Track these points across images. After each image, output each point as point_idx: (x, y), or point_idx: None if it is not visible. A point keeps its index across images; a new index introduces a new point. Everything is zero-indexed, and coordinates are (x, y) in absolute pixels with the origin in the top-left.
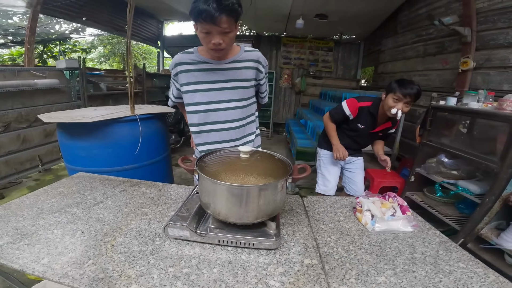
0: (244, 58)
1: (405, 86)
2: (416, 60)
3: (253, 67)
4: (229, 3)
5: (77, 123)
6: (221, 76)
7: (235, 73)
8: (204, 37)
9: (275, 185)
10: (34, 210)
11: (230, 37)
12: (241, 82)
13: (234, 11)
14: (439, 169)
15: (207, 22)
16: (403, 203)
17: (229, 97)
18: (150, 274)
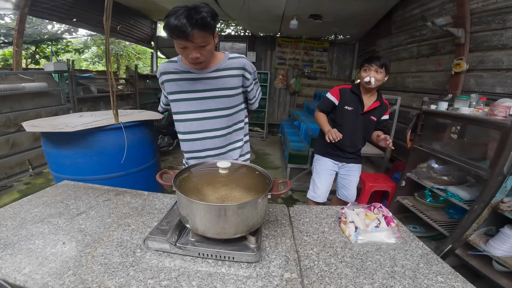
0: (228, 66)
1: (369, 58)
2: (410, 61)
3: (239, 75)
4: (200, 18)
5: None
6: (204, 86)
7: (219, 82)
8: (181, 52)
9: (254, 202)
10: (17, 220)
11: (207, 49)
12: (225, 90)
13: (207, 25)
14: (429, 174)
15: (180, 38)
16: (388, 214)
17: (213, 106)
18: (129, 286)
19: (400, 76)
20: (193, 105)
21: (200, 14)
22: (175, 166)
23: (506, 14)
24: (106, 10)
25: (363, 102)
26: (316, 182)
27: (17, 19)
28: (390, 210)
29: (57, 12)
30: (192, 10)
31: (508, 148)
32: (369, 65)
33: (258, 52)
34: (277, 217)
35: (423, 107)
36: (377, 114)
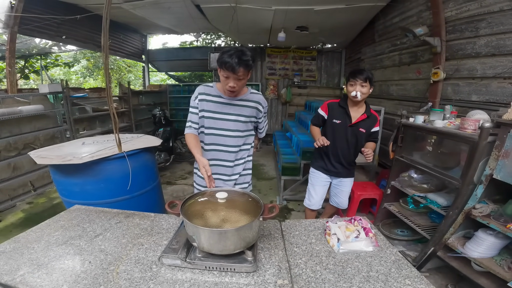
0: (249, 99)
1: (353, 72)
2: (392, 69)
3: (254, 107)
4: (247, 59)
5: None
6: (229, 110)
7: (240, 109)
8: (223, 80)
9: (249, 226)
10: (42, 243)
11: (242, 82)
12: (242, 117)
13: (249, 66)
14: (410, 182)
15: (228, 71)
16: (367, 225)
17: (232, 127)
18: None
19: (385, 84)
20: (218, 123)
21: (247, 57)
22: (173, 181)
23: (478, 22)
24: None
25: (350, 114)
26: (311, 192)
27: (7, 39)
28: (379, 216)
29: (47, 30)
30: (241, 53)
31: (477, 160)
32: (354, 79)
33: None
34: (271, 231)
35: (402, 120)
36: (365, 126)
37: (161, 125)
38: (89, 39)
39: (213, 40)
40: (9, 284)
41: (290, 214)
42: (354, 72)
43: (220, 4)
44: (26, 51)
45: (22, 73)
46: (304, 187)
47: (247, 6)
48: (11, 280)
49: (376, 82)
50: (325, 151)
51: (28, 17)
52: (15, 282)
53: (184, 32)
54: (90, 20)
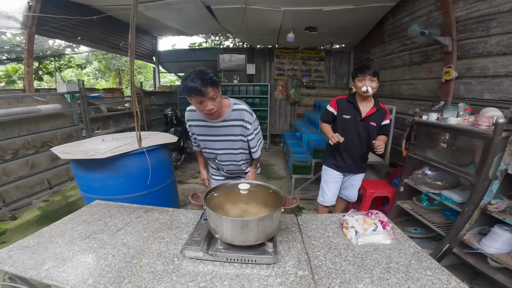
0: (231, 118)
1: (361, 67)
2: (403, 68)
3: (239, 125)
4: (209, 77)
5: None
6: (215, 132)
7: (225, 130)
8: (198, 106)
9: (271, 216)
10: (65, 237)
11: (217, 101)
12: (229, 136)
13: (214, 82)
14: (424, 180)
15: (197, 95)
16: (384, 219)
17: (223, 146)
18: None
19: (395, 83)
20: (211, 144)
21: (208, 75)
22: (184, 180)
23: (489, 22)
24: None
25: (359, 109)
26: (324, 189)
27: (25, 39)
28: (391, 214)
29: (63, 31)
30: (201, 73)
31: (492, 155)
32: (363, 75)
33: (257, 64)
34: (288, 225)
35: (415, 117)
36: (376, 119)
37: (173, 125)
38: (103, 40)
39: (222, 42)
40: (34, 278)
41: (301, 212)
42: (362, 67)
43: (230, 5)
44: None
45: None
46: (315, 185)
47: (257, 7)
48: (36, 275)
49: (386, 82)
50: (337, 147)
51: (45, 17)
52: (40, 276)
53: (193, 33)
54: (104, 21)
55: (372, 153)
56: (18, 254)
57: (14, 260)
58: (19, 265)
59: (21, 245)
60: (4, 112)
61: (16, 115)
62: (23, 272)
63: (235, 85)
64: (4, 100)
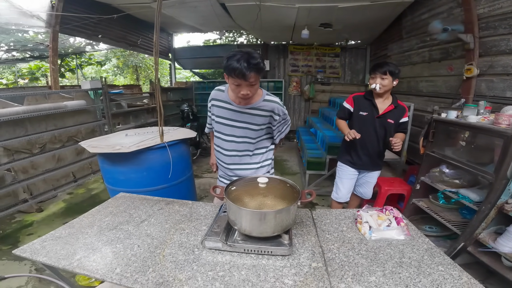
0: (261, 107)
1: (374, 66)
2: (422, 65)
3: (267, 116)
4: (257, 63)
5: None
6: (238, 117)
7: (249, 118)
8: (234, 88)
9: (288, 209)
10: (94, 228)
11: (255, 87)
12: (252, 125)
13: (260, 69)
14: (442, 178)
15: (238, 78)
16: (398, 215)
17: (241, 134)
18: (195, 278)
19: (414, 80)
20: (225, 129)
21: (256, 60)
22: (199, 175)
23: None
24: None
25: (376, 106)
26: (339, 186)
27: (50, 37)
28: (406, 211)
29: (85, 29)
30: (249, 56)
31: (510, 154)
32: (374, 73)
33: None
34: (302, 219)
35: (434, 115)
36: (394, 116)
37: (189, 120)
38: (122, 38)
39: (236, 38)
40: (66, 268)
41: (314, 209)
42: (374, 66)
43: (245, 2)
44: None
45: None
46: (329, 182)
47: (271, 4)
48: (68, 265)
49: (404, 79)
50: (353, 144)
51: (67, 16)
52: (72, 266)
53: (208, 30)
54: (123, 20)
55: (388, 150)
56: (51, 245)
57: (48, 250)
58: (52, 255)
59: (54, 236)
60: (33, 108)
61: (44, 111)
62: (56, 262)
63: None
64: (33, 97)
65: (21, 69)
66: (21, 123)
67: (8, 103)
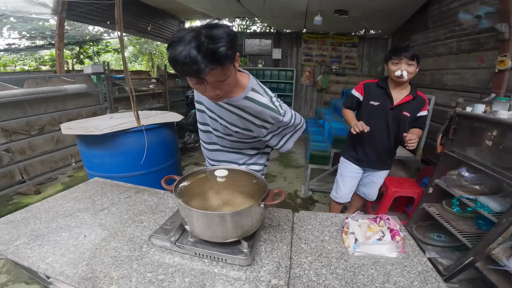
0: (240, 106)
1: (398, 49)
2: (448, 57)
3: (246, 119)
4: (216, 48)
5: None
6: (214, 107)
7: (228, 115)
8: (196, 87)
9: (246, 211)
10: (50, 213)
11: (228, 83)
12: (226, 123)
13: (226, 56)
14: (459, 182)
15: (191, 77)
16: (395, 226)
17: (220, 129)
18: (130, 277)
19: (438, 72)
20: (206, 119)
21: (216, 43)
22: (200, 162)
23: None
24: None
25: (391, 96)
26: (340, 184)
27: (56, 24)
28: (414, 217)
29: (92, 15)
30: (204, 37)
31: None
32: (398, 57)
33: (283, 49)
34: (280, 222)
35: (457, 108)
36: (410, 109)
37: (193, 107)
38: (131, 24)
39: (249, 26)
40: (1, 253)
41: (314, 206)
42: (398, 49)
43: None
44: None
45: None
46: (333, 177)
47: None
48: (4, 250)
49: (427, 71)
50: (359, 138)
51: (74, 3)
52: (6, 252)
53: (218, 16)
54: (132, 6)
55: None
56: (1, 229)
57: None
58: None
59: (8, 220)
60: (31, 91)
61: (43, 93)
62: None
63: (259, 69)
64: (33, 80)
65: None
66: (20, 105)
67: (8, 86)
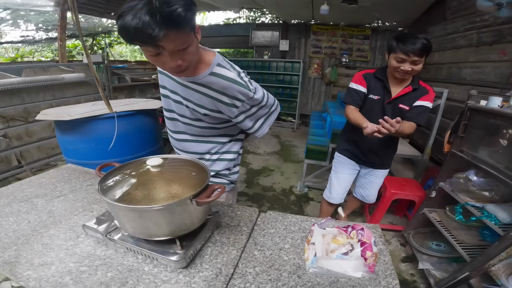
0: (205, 83)
1: (405, 42)
2: (468, 50)
3: (213, 97)
4: (169, 11)
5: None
6: (179, 90)
7: (189, 93)
8: (154, 60)
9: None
10: (9, 198)
11: (190, 52)
12: (193, 105)
13: (181, 19)
14: (466, 187)
15: (148, 45)
16: (369, 239)
17: (188, 114)
18: (50, 265)
19: (456, 66)
20: (171, 104)
21: (169, 6)
22: None
23: None
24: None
25: (389, 88)
26: (333, 182)
27: (59, 16)
28: (413, 222)
29: (96, 7)
30: (157, 2)
31: None
32: (405, 55)
33: (291, 40)
34: (241, 222)
35: (469, 102)
36: (409, 101)
37: None
38: None
39: (258, 17)
40: None
41: (308, 204)
42: (404, 39)
43: None
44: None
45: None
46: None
47: None
48: None
49: (444, 64)
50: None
51: None
52: None
53: (224, 7)
54: None
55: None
56: None
57: None
58: None
59: None
60: (28, 79)
61: (39, 82)
62: None
63: (265, 61)
64: (31, 69)
65: None
66: (17, 93)
67: (5, 74)
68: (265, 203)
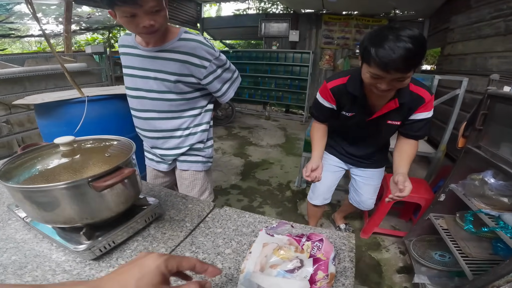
0: (174, 49)
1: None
2: (494, 39)
3: (183, 61)
4: None
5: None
6: (147, 64)
7: (162, 65)
8: (128, 21)
9: (63, 191)
10: None
11: (162, 15)
12: (165, 74)
13: None
14: (482, 190)
15: (127, 4)
16: (328, 255)
17: (156, 88)
18: None
19: (481, 56)
20: (137, 82)
21: None
22: None
23: None
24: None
25: (369, 104)
26: None
27: (64, 8)
28: (417, 228)
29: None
30: None
31: None
32: (383, 71)
33: (301, 31)
34: (187, 217)
35: (489, 88)
36: (399, 116)
37: None
38: None
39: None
40: None
41: (304, 201)
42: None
43: None
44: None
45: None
46: None
47: None
48: None
49: (468, 55)
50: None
51: None
52: None
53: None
54: None
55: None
56: None
57: None
58: None
59: None
60: (29, 68)
61: (40, 71)
62: None
63: (273, 51)
64: (33, 59)
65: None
66: (20, 82)
67: (8, 64)
68: (257, 198)
